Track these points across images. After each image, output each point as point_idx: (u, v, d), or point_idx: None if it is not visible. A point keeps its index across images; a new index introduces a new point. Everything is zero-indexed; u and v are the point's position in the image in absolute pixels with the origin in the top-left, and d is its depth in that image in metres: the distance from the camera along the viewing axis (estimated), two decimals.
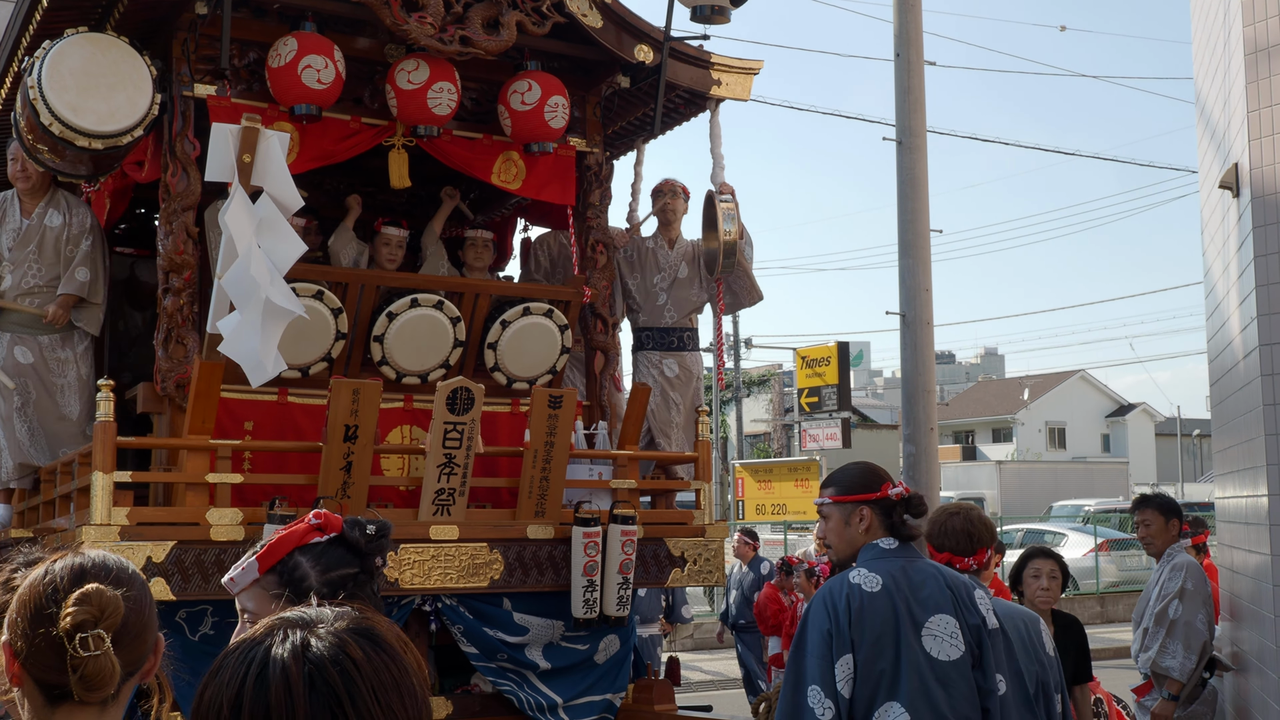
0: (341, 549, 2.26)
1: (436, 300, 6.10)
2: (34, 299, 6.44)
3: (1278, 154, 5.06)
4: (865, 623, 3.44)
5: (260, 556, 2.22)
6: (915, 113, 10.52)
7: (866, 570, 3.55)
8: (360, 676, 1.24)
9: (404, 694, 1.27)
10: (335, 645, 1.26)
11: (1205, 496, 26.92)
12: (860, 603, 3.46)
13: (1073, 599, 20.66)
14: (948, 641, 3.46)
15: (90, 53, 5.48)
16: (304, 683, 1.23)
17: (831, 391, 26.40)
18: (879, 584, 3.51)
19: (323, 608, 1.35)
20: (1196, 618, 6.14)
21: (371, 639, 1.29)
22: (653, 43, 6.49)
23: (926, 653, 3.43)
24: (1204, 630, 6.16)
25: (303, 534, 2.25)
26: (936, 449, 10.58)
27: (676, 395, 7.17)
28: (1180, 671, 6.11)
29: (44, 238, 6.46)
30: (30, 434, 6.41)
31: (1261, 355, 5.04)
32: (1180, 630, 6.14)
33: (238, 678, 1.25)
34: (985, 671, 3.47)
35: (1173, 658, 6.14)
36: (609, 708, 6.21)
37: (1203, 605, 6.17)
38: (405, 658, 1.30)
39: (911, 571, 3.55)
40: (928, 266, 10.56)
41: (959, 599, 3.53)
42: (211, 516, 5.35)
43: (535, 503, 5.97)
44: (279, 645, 1.26)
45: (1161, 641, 6.20)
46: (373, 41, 6.25)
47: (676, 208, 7.32)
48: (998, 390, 57.43)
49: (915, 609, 3.49)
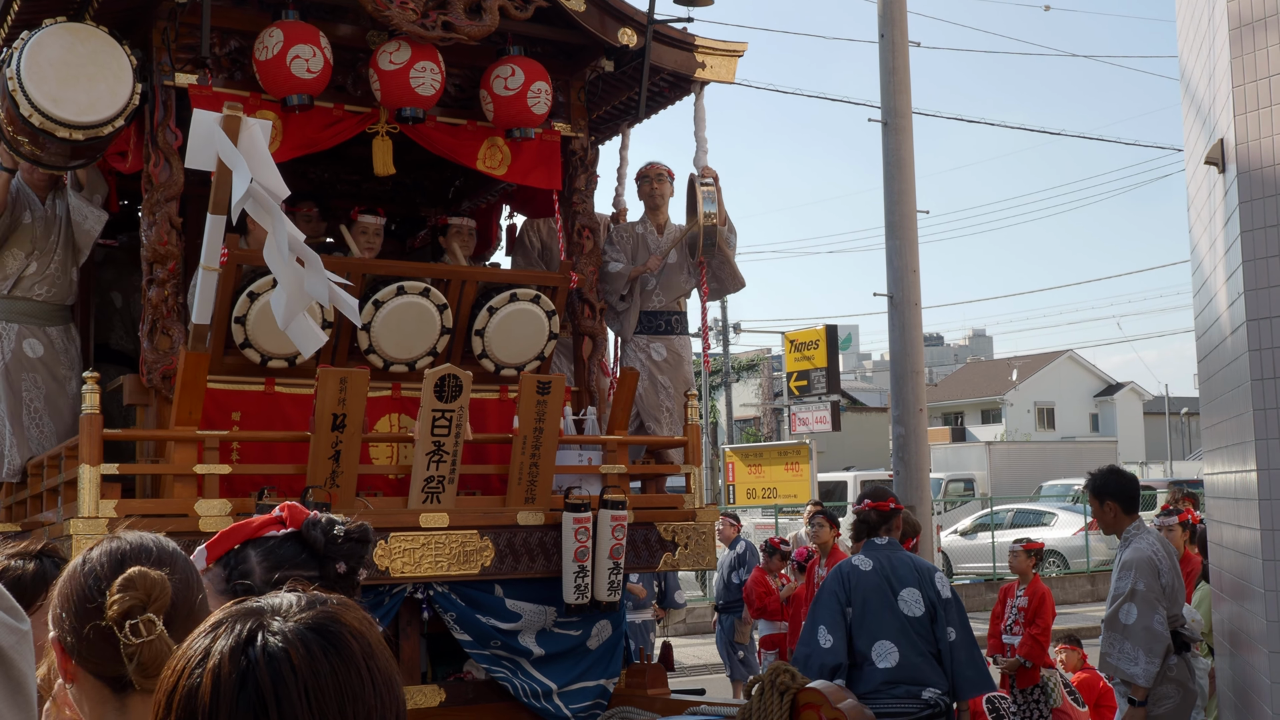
0: (295, 546, 1.99)
1: (423, 288, 6.08)
2: (52, 288, 6.42)
3: (1263, 129, 5.06)
4: (855, 589, 5.64)
5: (210, 544, 2.02)
6: (900, 94, 10.52)
7: (864, 556, 5.79)
8: (295, 678, 1.15)
9: (347, 699, 1.17)
10: (278, 643, 1.17)
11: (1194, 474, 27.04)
12: (856, 577, 5.69)
13: (1063, 578, 20.75)
14: (915, 605, 5.63)
15: (69, 43, 5.44)
16: (234, 681, 1.15)
17: (820, 375, 26.44)
18: (871, 565, 5.71)
19: (292, 594, 1.26)
20: (1153, 620, 5.82)
21: (324, 636, 1.19)
22: (636, 26, 6.46)
23: (901, 612, 5.61)
24: (1163, 631, 5.83)
25: (259, 525, 2.03)
26: (926, 430, 10.61)
27: (665, 379, 7.16)
28: (1145, 678, 5.83)
29: (61, 226, 6.45)
30: (40, 432, 6.37)
31: (1249, 330, 5.04)
32: (1139, 636, 5.84)
33: (180, 666, 1.19)
34: (939, 625, 5.63)
35: (1134, 664, 5.86)
36: (602, 693, 6.22)
37: (1158, 604, 5.84)
38: (362, 658, 1.20)
39: (894, 558, 5.75)
40: (915, 248, 10.57)
41: (923, 578, 5.71)
42: (200, 508, 5.33)
43: (525, 489, 5.96)
44: (224, 638, 1.19)
45: (1120, 647, 5.92)
46: (355, 28, 6.21)
47: (661, 191, 7.29)
48: (986, 371, 57.53)
49: (894, 582, 5.66)
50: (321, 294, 4.55)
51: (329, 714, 1.16)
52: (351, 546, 2.01)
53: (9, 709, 1.71)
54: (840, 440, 34.74)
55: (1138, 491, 6.26)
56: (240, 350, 5.80)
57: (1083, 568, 21.11)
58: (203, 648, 1.19)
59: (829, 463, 31.10)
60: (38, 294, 6.40)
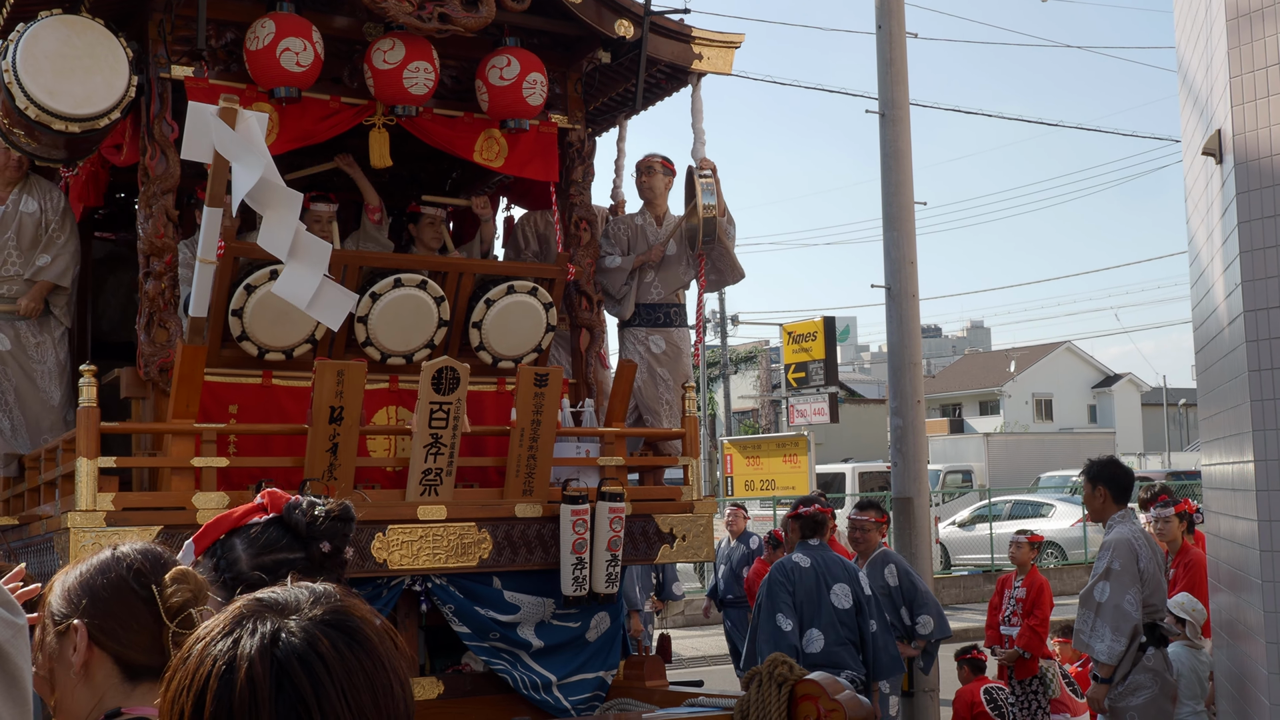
0: (277, 531, 2.03)
1: (420, 280, 6.07)
2: (11, 285, 6.40)
3: (1260, 119, 5.05)
4: (797, 583, 6.58)
5: (196, 537, 2.05)
6: (898, 85, 10.50)
7: (801, 554, 6.74)
8: (330, 677, 1.16)
9: (378, 692, 1.18)
10: (305, 641, 1.17)
11: (1192, 465, 27.04)
12: (797, 572, 6.63)
13: (1061, 568, 20.77)
14: (843, 598, 6.59)
15: (65, 35, 5.43)
16: (271, 684, 1.15)
17: (818, 366, 26.42)
18: (808, 563, 6.66)
19: (299, 587, 1.26)
20: (1124, 599, 6.00)
21: (346, 631, 1.20)
22: (633, 17, 6.45)
23: (832, 604, 6.56)
24: (1132, 612, 6.00)
25: (242, 514, 2.06)
26: (924, 422, 10.59)
27: (664, 371, 7.15)
28: (1108, 655, 6.01)
29: (22, 224, 6.41)
30: (12, 423, 6.37)
31: (1246, 321, 5.04)
32: (1109, 613, 6.01)
33: (204, 672, 1.17)
34: (864, 617, 6.62)
35: (1100, 640, 6.04)
36: (601, 685, 6.23)
37: (1131, 584, 6.01)
38: (382, 649, 1.21)
39: (826, 558, 6.73)
40: (912, 239, 10.56)
41: (851, 575, 6.72)
42: (198, 500, 5.33)
43: (523, 481, 5.96)
44: (247, 638, 1.17)
45: (1091, 624, 6.10)
46: (351, 20, 6.20)
47: (655, 184, 7.27)
48: (984, 363, 57.56)
49: (827, 578, 6.61)
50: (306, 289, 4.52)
51: (363, 704, 1.17)
52: (332, 525, 2.04)
53: (4, 703, 1.73)
54: (838, 432, 34.77)
55: (1131, 484, 6.42)
56: (237, 343, 5.79)
57: (1080, 559, 21.11)
58: (225, 649, 1.18)
59: (827, 454, 31.11)
60: (4, 291, 6.39)
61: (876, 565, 7.59)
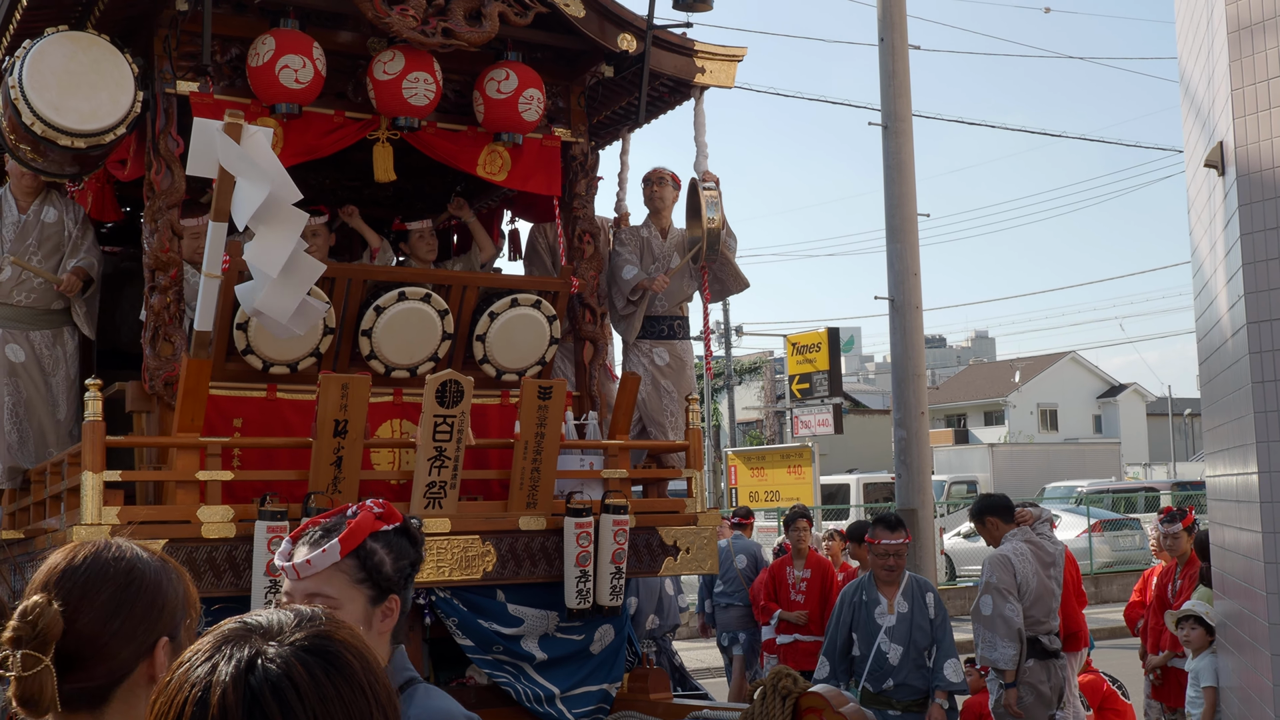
0: (405, 539, 2.35)
1: (424, 293, 6.08)
2: (32, 294, 6.42)
3: (1262, 131, 5.06)
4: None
5: (343, 539, 2.26)
6: (900, 97, 10.53)
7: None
8: (303, 705, 1.16)
9: (354, 719, 1.18)
10: (280, 668, 1.17)
11: (1198, 475, 26.99)
12: None
13: None
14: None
15: (71, 51, 5.46)
16: (242, 712, 1.15)
17: (823, 377, 26.43)
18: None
19: (286, 610, 1.27)
20: (1005, 607, 6.71)
21: (325, 657, 1.20)
22: (636, 31, 6.47)
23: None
24: (1015, 618, 6.70)
25: (374, 521, 2.32)
26: (928, 433, 10.61)
27: (668, 383, 7.16)
28: (1006, 660, 6.68)
29: (42, 232, 6.46)
30: (20, 436, 6.39)
31: (1249, 333, 5.05)
32: (997, 624, 6.70)
33: (181, 698, 1.18)
34: None
35: (993, 649, 6.72)
36: (605, 697, 6.22)
37: (1009, 594, 6.72)
38: (363, 676, 1.21)
39: None
40: (916, 250, 10.57)
41: None
42: (202, 514, 5.34)
43: (527, 494, 5.96)
44: (224, 665, 1.18)
45: (984, 637, 6.77)
46: (355, 35, 6.22)
47: (664, 195, 7.29)
48: (989, 373, 57.48)
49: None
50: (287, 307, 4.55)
51: None
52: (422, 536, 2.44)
53: None
54: (843, 443, 34.72)
55: (1009, 503, 7.30)
56: (242, 356, 5.81)
57: (1086, 570, 21.06)
58: (203, 675, 1.18)
59: (831, 465, 31.08)
60: (18, 299, 6.41)
61: (914, 593, 6.73)
